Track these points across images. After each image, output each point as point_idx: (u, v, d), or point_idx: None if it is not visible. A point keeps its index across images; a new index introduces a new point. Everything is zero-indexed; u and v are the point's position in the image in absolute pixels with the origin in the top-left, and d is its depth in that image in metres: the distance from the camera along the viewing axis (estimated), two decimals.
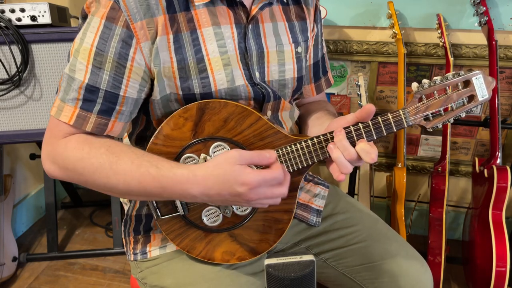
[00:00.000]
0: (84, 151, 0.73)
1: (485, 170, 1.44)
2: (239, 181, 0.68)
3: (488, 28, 1.40)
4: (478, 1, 1.43)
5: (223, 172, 0.69)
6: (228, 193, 0.69)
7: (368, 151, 0.71)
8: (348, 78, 1.75)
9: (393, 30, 1.48)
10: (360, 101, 1.50)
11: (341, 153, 0.72)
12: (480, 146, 1.76)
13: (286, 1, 0.88)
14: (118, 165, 0.71)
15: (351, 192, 1.69)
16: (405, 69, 1.49)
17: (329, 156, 0.75)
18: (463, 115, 0.75)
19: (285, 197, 0.73)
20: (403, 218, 1.54)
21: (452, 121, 0.75)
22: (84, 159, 0.72)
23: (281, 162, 0.78)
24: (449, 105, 0.74)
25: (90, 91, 0.74)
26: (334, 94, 1.79)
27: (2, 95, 1.46)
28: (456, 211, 1.88)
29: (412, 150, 1.83)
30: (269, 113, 0.86)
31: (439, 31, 1.49)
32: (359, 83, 1.50)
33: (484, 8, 1.41)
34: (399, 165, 1.56)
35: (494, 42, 1.40)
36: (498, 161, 1.44)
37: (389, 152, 1.87)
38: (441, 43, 1.50)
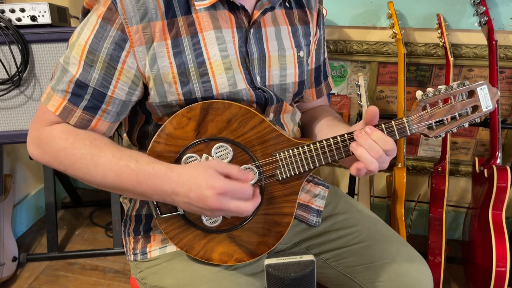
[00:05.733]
0: (68, 141, 0.75)
1: (485, 170, 1.44)
2: (208, 184, 0.68)
3: (488, 28, 1.40)
4: (478, 1, 1.43)
5: (197, 173, 0.70)
6: (195, 196, 0.69)
7: (385, 139, 0.71)
8: (348, 78, 1.75)
9: (393, 30, 1.48)
10: (360, 101, 1.50)
11: (365, 150, 0.72)
12: (480, 146, 1.76)
13: (289, 5, 0.88)
14: (99, 158, 0.73)
15: (351, 192, 1.69)
16: (405, 69, 1.48)
17: (351, 155, 0.75)
18: (466, 125, 0.74)
19: (248, 215, 0.73)
20: (403, 218, 1.54)
21: (455, 130, 0.74)
22: (67, 149, 0.74)
23: (283, 165, 0.79)
24: (453, 115, 0.73)
25: (80, 86, 0.75)
26: (334, 94, 1.79)
27: (2, 95, 1.46)
28: (456, 211, 1.88)
29: (412, 150, 1.84)
30: (271, 115, 0.86)
31: (439, 31, 1.49)
32: (359, 83, 1.50)
33: (484, 8, 1.41)
34: (399, 165, 1.56)
35: (494, 42, 1.40)
36: (498, 161, 1.44)
37: None
38: (441, 43, 1.50)
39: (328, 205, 0.99)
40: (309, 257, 0.78)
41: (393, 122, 0.73)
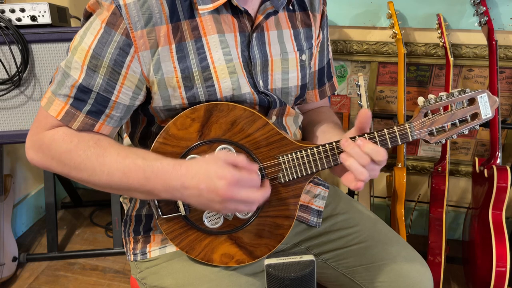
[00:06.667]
0: (73, 144, 0.74)
1: (485, 170, 1.44)
2: (218, 174, 0.68)
3: (488, 28, 1.40)
4: (478, 1, 1.43)
5: (206, 165, 0.70)
6: (206, 187, 0.68)
7: (378, 150, 0.71)
8: (348, 78, 1.75)
9: (393, 30, 1.48)
10: (360, 101, 1.50)
11: (355, 160, 0.72)
12: (480, 146, 1.76)
13: (292, 8, 0.87)
14: (104, 157, 0.73)
15: (351, 192, 1.69)
16: (405, 69, 1.49)
17: (338, 164, 0.75)
18: (466, 131, 0.76)
19: (257, 205, 0.73)
20: (403, 218, 1.54)
21: (456, 137, 0.76)
22: (71, 151, 0.74)
23: (285, 168, 0.79)
24: (453, 122, 0.74)
25: (83, 91, 0.74)
26: (334, 94, 1.79)
27: (2, 95, 1.46)
28: (456, 211, 1.88)
29: (412, 150, 1.84)
30: (273, 118, 0.86)
31: (439, 31, 1.49)
32: (359, 83, 1.50)
33: (484, 8, 1.41)
34: (399, 165, 1.56)
35: (494, 42, 1.40)
36: (498, 161, 1.44)
37: (389, 152, 1.87)
38: (441, 43, 1.50)
39: (328, 205, 0.99)
40: (309, 257, 0.78)
41: (395, 127, 0.74)
